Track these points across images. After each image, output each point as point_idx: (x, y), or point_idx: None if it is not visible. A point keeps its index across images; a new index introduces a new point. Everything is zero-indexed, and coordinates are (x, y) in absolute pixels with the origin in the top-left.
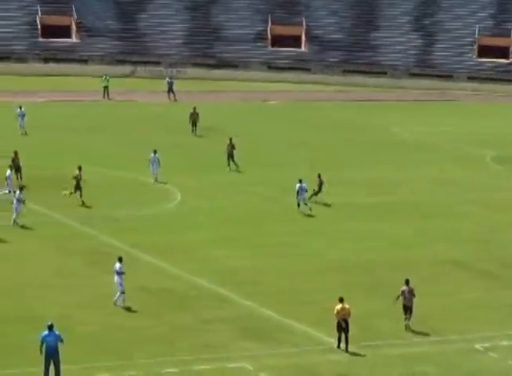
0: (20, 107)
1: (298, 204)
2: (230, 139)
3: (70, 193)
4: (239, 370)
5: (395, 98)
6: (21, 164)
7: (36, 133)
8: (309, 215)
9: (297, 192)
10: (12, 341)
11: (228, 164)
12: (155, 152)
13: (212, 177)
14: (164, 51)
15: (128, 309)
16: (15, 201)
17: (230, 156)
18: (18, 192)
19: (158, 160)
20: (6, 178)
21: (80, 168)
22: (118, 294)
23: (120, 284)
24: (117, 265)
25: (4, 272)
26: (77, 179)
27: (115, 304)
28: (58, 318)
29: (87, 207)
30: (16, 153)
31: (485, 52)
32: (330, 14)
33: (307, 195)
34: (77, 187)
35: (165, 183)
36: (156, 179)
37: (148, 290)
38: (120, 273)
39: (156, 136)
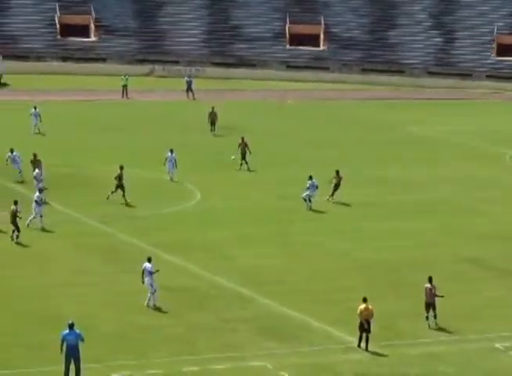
0: (35, 107)
1: (305, 200)
2: (242, 139)
3: (112, 193)
4: (259, 369)
5: (414, 96)
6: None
7: (54, 132)
8: (331, 214)
9: (307, 188)
10: (34, 339)
11: (241, 164)
12: (171, 151)
13: (232, 176)
14: (183, 50)
15: (149, 308)
16: (34, 203)
17: (242, 155)
18: (37, 193)
19: (174, 159)
20: (34, 178)
21: (121, 168)
22: (149, 294)
23: (152, 285)
24: (148, 265)
25: (26, 271)
26: (119, 178)
27: (148, 305)
28: (78, 316)
29: (129, 206)
30: (35, 155)
31: (504, 51)
32: (349, 12)
33: (316, 192)
34: (119, 186)
35: (181, 183)
36: (171, 178)
37: (169, 289)
38: (151, 273)
39: (175, 135)
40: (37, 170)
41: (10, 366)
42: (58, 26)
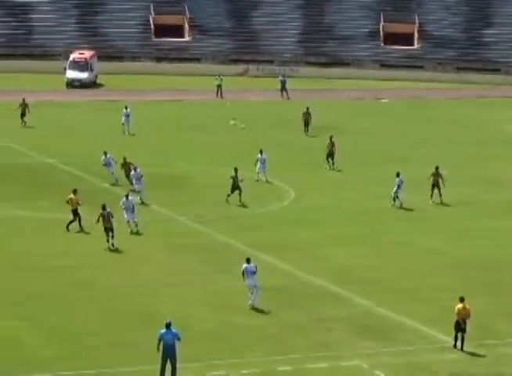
0: (126, 107)
1: (394, 198)
2: (330, 138)
3: (228, 196)
4: (353, 369)
5: (509, 95)
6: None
7: (147, 132)
8: (424, 213)
9: (398, 186)
10: (129, 339)
11: (328, 163)
12: (261, 152)
13: (325, 176)
14: (277, 49)
15: (244, 308)
16: (123, 211)
17: (330, 154)
18: (124, 199)
19: (264, 160)
20: (131, 178)
21: (236, 170)
22: (252, 296)
23: (255, 286)
24: (249, 266)
25: (122, 270)
26: (234, 180)
27: (252, 307)
28: (175, 316)
29: (244, 206)
30: (125, 158)
31: None
32: (443, 11)
33: (402, 188)
34: (235, 188)
35: (275, 183)
36: (259, 179)
37: (263, 288)
38: (254, 273)
39: (268, 135)
40: (132, 172)
41: (103, 365)
42: (152, 26)
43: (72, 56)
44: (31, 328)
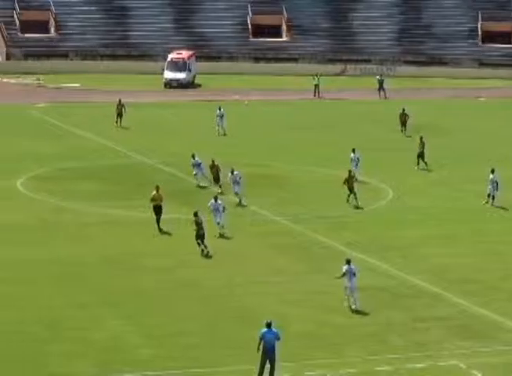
0: (220, 108)
1: (489, 195)
2: (421, 138)
3: (348, 196)
4: (451, 368)
5: None
6: (220, 174)
7: (244, 132)
8: None
9: (496, 183)
10: (227, 338)
11: (418, 163)
12: (353, 151)
13: (422, 175)
14: (375, 49)
15: (341, 307)
16: (212, 213)
17: (420, 155)
18: (212, 201)
19: (358, 159)
20: (233, 181)
21: (350, 172)
22: (353, 299)
23: (355, 288)
24: (351, 267)
25: (221, 270)
26: (348, 182)
27: (353, 310)
28: (272, 315)
29: (357, 207)
30: (213, 161)
31: None
32: None
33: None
34: (351, 190)
35: (371, 182)
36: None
37: (361, 288)
38: (354, 275)
39: (365, 134)
40: (229, 174)
41: (203, 364)
42: (250, 26)
43: (170, 57)
44: (133, 327)
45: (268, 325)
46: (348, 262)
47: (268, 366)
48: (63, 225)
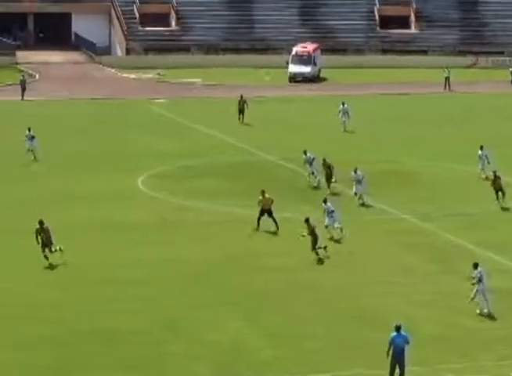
0: (343, 103)
1: None
2: None
3: (497, 197)
4: None
5: None
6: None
7: (372, 127)
8: None
9: None
10: (352, 341)
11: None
12: (481, 148)
13: None
14: (507, 40)
15: (471, 310)
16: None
17: None
18: (322, 203)
19: (486, 156)
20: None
21: (495, 172)
22: (486, 302)
23: (487, 291)
24: (480, 271)
25: (345, 271)
26: (494, 182)
27: (481, 313)
28: (401, 317)
29: (504, 209)
30: (324, 159)
31: None
32: None
33: None
34: (499, 190)
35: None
36: (480, 176)
37: (492, 290)
38: (482, 280)
39: (497, 129)
40: (352, 173)
41: (324, 369)
42: (377, 18)
43: (295, 50)
44: (252, 329)
45: (398, 329)
46: (476, 265)
47: (397, 370)
48: (184, 225)
